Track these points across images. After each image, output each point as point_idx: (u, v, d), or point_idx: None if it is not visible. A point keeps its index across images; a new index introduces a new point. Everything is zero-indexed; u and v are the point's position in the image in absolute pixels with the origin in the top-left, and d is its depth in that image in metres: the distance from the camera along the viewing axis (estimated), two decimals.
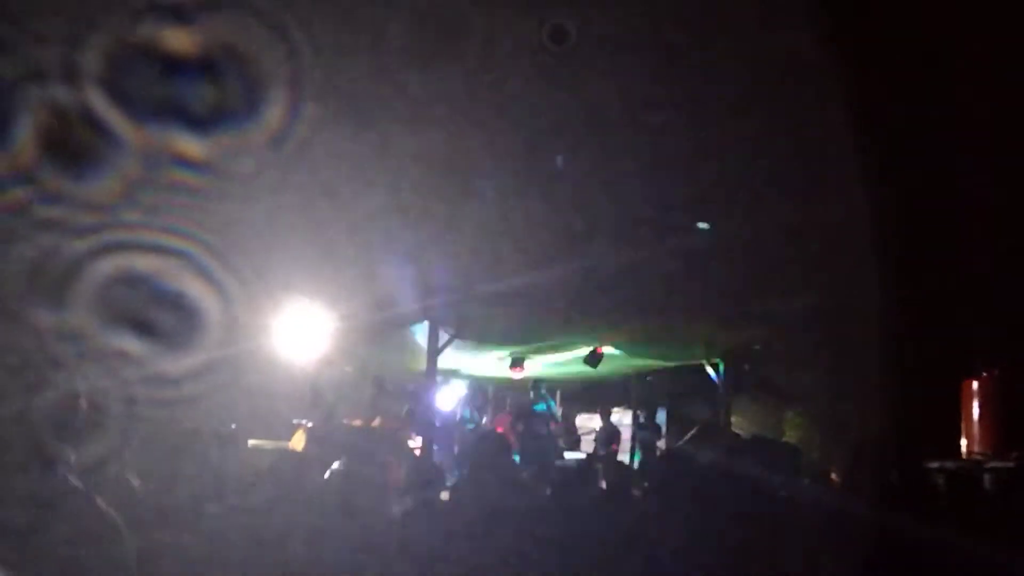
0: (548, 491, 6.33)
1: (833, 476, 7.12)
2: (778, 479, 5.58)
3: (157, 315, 6.83)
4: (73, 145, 6.09)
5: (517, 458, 10.99)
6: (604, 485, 7.19)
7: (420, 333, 10.75)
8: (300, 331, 9.91)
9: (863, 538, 4.46)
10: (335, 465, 5.58)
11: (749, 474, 5.48)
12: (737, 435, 13.16)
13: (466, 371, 14.49)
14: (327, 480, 5.45)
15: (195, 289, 7.47)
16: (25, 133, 5.87)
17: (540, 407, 13.58)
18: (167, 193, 6.39)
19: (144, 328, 6.53)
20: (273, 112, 6.52)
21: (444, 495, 6.10)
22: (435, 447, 11.42)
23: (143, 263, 6.76)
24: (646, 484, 7.83)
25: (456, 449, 13.03)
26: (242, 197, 6.66)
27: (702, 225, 9.34)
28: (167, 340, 6.94)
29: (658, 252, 8.64)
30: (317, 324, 9.91)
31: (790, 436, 15.70)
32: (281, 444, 10.11)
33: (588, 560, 4.80)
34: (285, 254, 8.10)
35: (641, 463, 13.67)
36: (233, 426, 9.75)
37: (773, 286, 10.18)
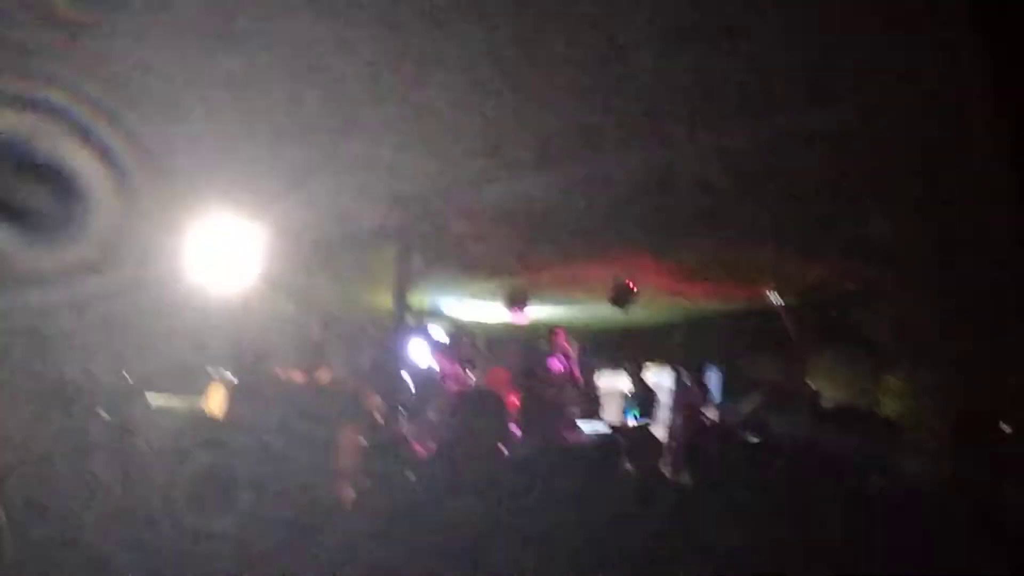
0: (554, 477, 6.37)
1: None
2: (871, 463, 5.67)
3: (13, 197, 6.79)
4: None
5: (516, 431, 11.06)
6: (630, 468, 7.23)
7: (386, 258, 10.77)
8: (220, 249, 9.91)
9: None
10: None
11: (832, 456, 5.55)
12: (817, 403, 13.27)
13: (449, 312, 14.55)
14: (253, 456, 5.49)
15: (72, 168, 7.40)
16: None
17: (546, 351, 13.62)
18: (39, 28, 6.28)
19: None
20: None
21: (410, 478, 6.15)
22: (403, 413, 11.49)
23: None
24: (688, 469, 7.88)
25: (432, 416, 13.13)
26: (148, 42, 6.56)
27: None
28: (28, 240, 6.92)
29: (713, 145, 8.56)
30: (244, 240, 9.90)
31: (888, 408, 15.81)
32: (195, 402, 10.17)
33: None
34: (203, 136, 8.04)
35: (684, 439, 13.79)
36: (126, 377, 9.81)
37: (882, 201, 10.12)
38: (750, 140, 8.34)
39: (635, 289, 12.11)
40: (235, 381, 10.29)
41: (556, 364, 13.34)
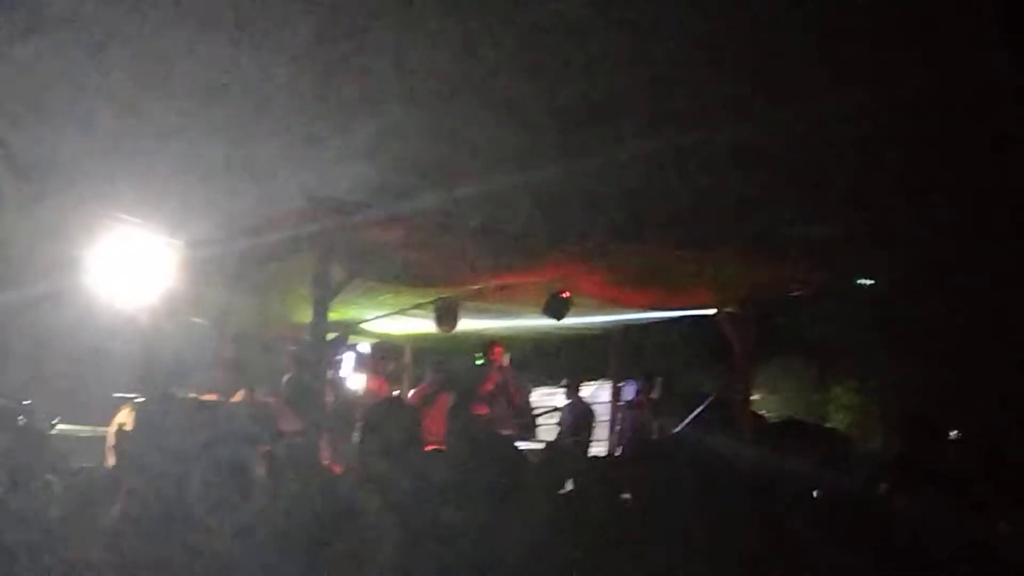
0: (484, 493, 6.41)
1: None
2: (820, 478, 5.73)
3: None
4: None
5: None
6: (570, 487, 7.31)
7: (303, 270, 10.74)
8: (126, 265, 9.84)
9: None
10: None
11: (779, 472, 5.60)
12: (761, 417, 13.41)
13: (372, 326, 14.52)
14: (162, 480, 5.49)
15: None
16: None
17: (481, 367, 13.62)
18: None
19: None
20: None
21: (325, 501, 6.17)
22: (323, 434, 11.45)
23: None
24: (630, 487, 7.96)
25: (356, 436, 13.09)
26: (51, 51, 6.55)
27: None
28: None
29: (654, 148, 8.67)
30: (152, 255, 9.84)
31: (837, 420, 16.03)
32: (99, 429, 10.10)
33: None
34: (104, 148, 8.01)
35: (623, 456, 13.86)
36: (27, 402, 9.71)
37: (824, 202, 10.29)
38: (688, 144, 8.46)
39: (569, 297, 12.12)
40: (143, 404, 10.22)
41: (491, 380, 13.38)
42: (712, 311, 12.78)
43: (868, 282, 13.04)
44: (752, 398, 13.42)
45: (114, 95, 7.49)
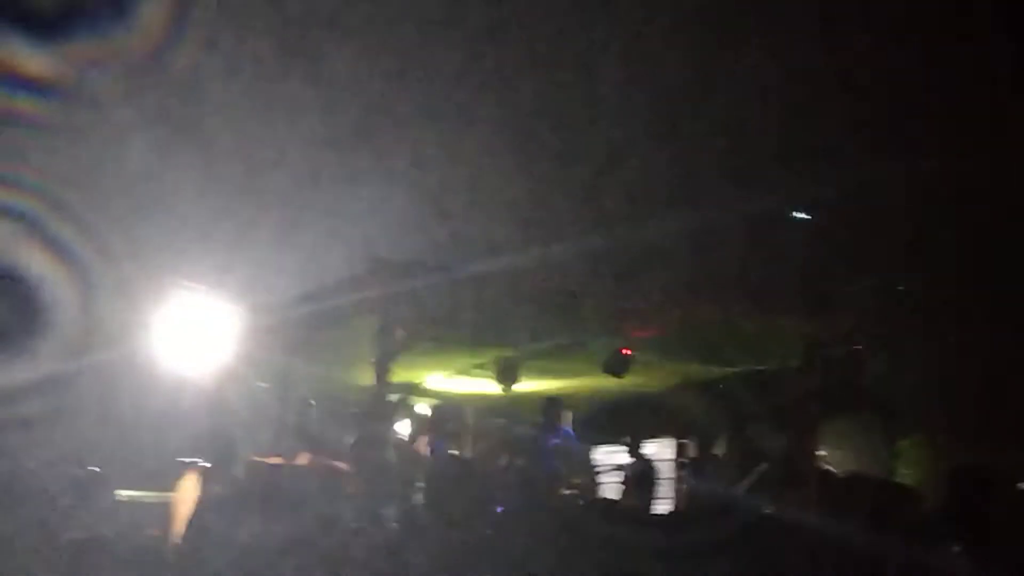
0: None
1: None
2: (892, 537, 5.68)
3: None
4: None
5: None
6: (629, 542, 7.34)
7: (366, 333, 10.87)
8: (191, 331, 10.00)
9: None
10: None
11: (846, 531, 5.55)
12: (827, 472, 13.32)
13: (433, 387, 14.62)
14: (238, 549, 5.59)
15: (37, 266, 7.55)
16: None
17: (555, 439, 13.48)
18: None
19: None
20: (151, 12, 6.60)
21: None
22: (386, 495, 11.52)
23: None
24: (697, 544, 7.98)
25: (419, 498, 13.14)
26: (108, 135, 6.75)
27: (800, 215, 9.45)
28: None
29: (711, 209, 8.76)
30: (216, 321, 10.00)
31: (905, 474, 15.86)
32: (166, 495, 10.21)
33: None
34: (170, 219, 8.20)
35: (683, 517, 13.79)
36: (95, 469, 9.84)
37: (886, 254, 10.29)
38: (747, 201, 8.54)
39: (630, 355, 12.17)
40: (208, 469, 10.33)
41: (552, 440, 13.35)
42: (775, 366, 12.78)
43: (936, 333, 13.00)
44: (818, 453, 13.35)
45: (176, 161, 7.68)
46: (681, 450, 15.45)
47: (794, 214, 9.53)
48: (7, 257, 7.20)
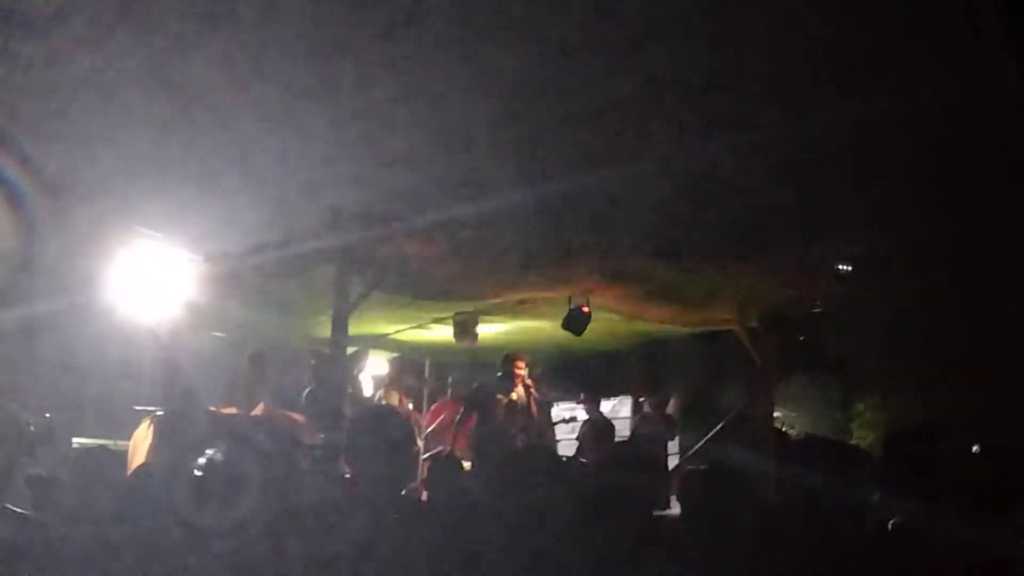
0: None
1: None
2: (843, 497, 5.68)
3: None
4: None
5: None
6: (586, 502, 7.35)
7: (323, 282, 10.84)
8: (146, 280, 9.96)
9: None
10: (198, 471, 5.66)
11: (804, 490, 5.55)
12: (783, 434, 13.45)
13: (391, 339, 14.62)
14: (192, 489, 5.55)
15: None
16: None
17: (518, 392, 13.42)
18: None
19: None
20: None
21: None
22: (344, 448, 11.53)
23: None
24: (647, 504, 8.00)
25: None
26: (69, 65, 6.68)
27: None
28: None
29: (676, 162, 8.77)
30: (171, 269, 9.96)
31: (860, 437, 16.04)
32: (121, 443, 10.20)
33: None
34: (126, 164, 8.13)
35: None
36: (47, 415, 9.81)
37: (846, 218, 10.34)
38: (709, 155, 8.55)
39: (588, 312, 12.16)
40: (163, 417, 10.33)
41: (513, 396, 13.34)
42: (733, 327, 12.84)
43: (891, 296, 13.11)
44: (774, 415, 13.47)
45: (133, 107, 7.60)
46: (637, 407, 15.53)
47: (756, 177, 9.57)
48: None
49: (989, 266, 12.48)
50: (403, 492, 5.80)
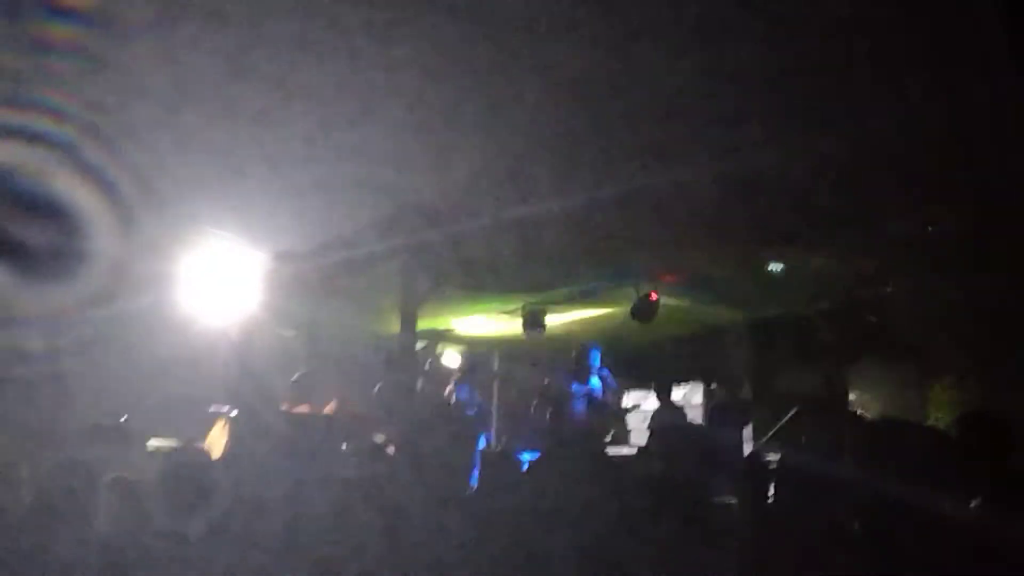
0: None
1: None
2: (926, 482, 5.62)
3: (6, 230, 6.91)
4: None
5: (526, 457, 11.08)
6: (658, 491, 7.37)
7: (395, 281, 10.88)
8: (217, 279, 10.06)
9: None
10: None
11: (881, 477, 5.51)
12: (859, 416, 13.34)
13: (460, 333, 14.67)
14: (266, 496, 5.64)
15: (70, 197, 7.56)
16: None
17: (593, 383, 13.34)
18: (34, 53, 6.49)
19: None
20: None
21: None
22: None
23: None
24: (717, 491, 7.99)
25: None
26: (144, 69, 6.78)
27: None
28: (22, 275, 7.01)
29: (740, 153, 8.74)
30: (241, 269, 10.05)
31: (938, 419, 15.85)
32: (195, 443, 10.30)
33: None
34: (198, 165, 8.23)
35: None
36: (124, 418, 9.94)
37: (915, 198, 10.25)
38: (771, 139, 8.51)
39: (657, 299, 12.13)
40: (238, 418, 10.43)
41: (585, 387, 13.31)
42: (803, 312, 12.78)
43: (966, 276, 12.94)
44: (848, 398, 13.38)
45: (203, 108, 7.70)
46: (710, 395, 15.48)
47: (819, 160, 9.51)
48: (41, 189, 7.23)
49: None
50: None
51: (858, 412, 12.76)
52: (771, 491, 6.33)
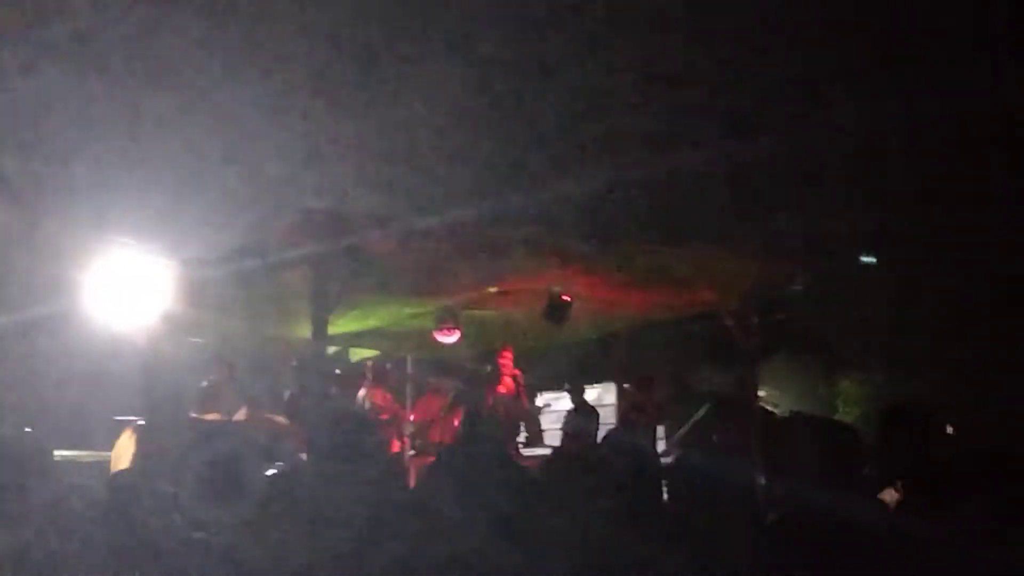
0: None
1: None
2: (833, 474, 5.66)
3: None
4: None
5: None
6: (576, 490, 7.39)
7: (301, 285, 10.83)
8: (121, 287, 9.94)
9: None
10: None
11: (796, 470, 5.54)
12: (769, 413, 13.49)
13: (372, 337, 14.61)
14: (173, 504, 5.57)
15: None
16: None
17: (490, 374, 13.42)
18: None
19: None
20: None
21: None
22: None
23: None
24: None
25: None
26: (44, 73, 6.69)
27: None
28: None
29: (652, 150, 8.82)
30: (146, 276, 9.93)
31: (846, 414, 16.10)
32: (103, 455, 10.16)
33: None
34: (97, 170, 8.14)
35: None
36: (28, 430, 9.76)
37: (823, 198, 10.41)
38: (687, 146, 8.60)
39: (569, 301, 12.16)
40: (145, 426, 10.28)
41: (501, 388, 13.36)
42: (714, 310, 12.88)
43: (872, 273, 13.14)
44: (758, 394, 13.52)
45: (106, 116, 7.60)
46: (622, 394, 15.54)
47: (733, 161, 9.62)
48: None
49: (971, 247, 12.57)
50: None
51: (768, 408, 12.92)
52: (667, 490, 6.38)
